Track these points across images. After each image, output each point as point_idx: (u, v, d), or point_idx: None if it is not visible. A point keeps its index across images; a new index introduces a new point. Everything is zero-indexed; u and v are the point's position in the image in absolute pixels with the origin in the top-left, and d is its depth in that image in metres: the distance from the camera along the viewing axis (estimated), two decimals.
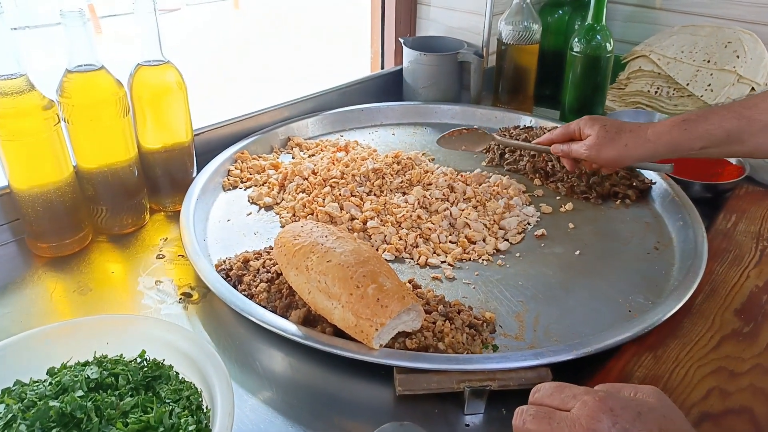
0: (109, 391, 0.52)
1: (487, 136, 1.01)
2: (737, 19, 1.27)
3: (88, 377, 0.53)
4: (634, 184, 0.96)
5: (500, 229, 0.88)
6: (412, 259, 0.83)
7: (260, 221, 0.90)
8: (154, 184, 0.90)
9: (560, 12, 1.34)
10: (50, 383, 0.53)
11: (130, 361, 0.56)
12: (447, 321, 0.66)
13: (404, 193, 0.95)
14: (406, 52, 1.27)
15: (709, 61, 1.17)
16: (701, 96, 1.16)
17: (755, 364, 0.64)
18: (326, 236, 0.68)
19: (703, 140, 0.79)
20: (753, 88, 1.16)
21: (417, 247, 0.84)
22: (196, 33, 5.49)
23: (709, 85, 1.16)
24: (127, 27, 5.15)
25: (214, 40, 5.39)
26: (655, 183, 0.96)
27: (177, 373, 0.56)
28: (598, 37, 1.10)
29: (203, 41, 5.19)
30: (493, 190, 0.97)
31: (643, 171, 0.99)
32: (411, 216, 0.88)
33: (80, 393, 0.51)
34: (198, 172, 0.95)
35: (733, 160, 1.01)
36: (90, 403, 0.50)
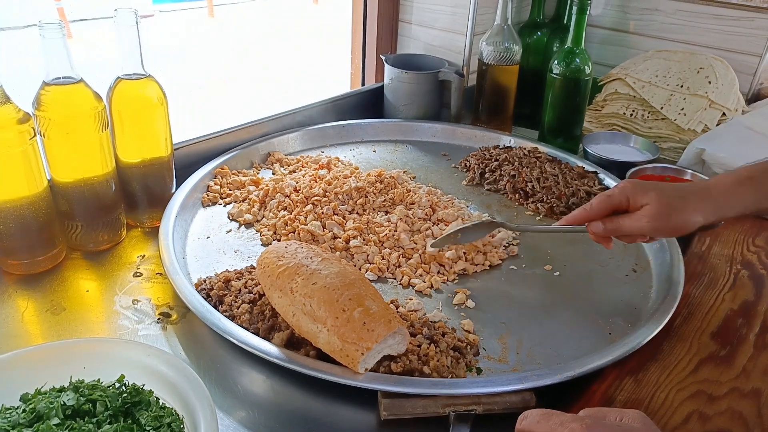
0: (86, 419, 0.51)
1: (494, 224, 0.84)
2: (708, 45, 1.31)
3: (64, 404, 0.51)
4: None
5: (479, 252, 0.88)
6: (395, 279, 0.82)
7: (240, 239, 0.89)
8: (132, 199, 0.88)
9: (539, 33, 1.37)
10: (24, 410, 0.51)
11: (108, 387, 0.54)
12: (432, 344, 0.66)
13: (387, 212, 0.95)
14: (388, 69, 1.28)
15: (682, 86, 1.20)
16: (675, 120, 1.19)
17: (732, 388, 0.65)
18: (311, 258, 0.67)
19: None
20: (724, 113, 1.20)
21: (399, 267, 0.84)
22: (170, 40, 5.43)
23: (683, 109, 1.19)
24: (97, 31, 5.08)
25: (188, 48, 5.33)
26: None
27: (157, 399, 0.54)
28: (577, 60, 1.12)
29: (177, 49, 5.13)
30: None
31: None
32: (393, 235, 0.88)
33: (56, 420, 0.49)
34: (177, 188, 0.93)
35: None
36: (66, 431, 0.48)
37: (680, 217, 0.70)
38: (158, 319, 0.72)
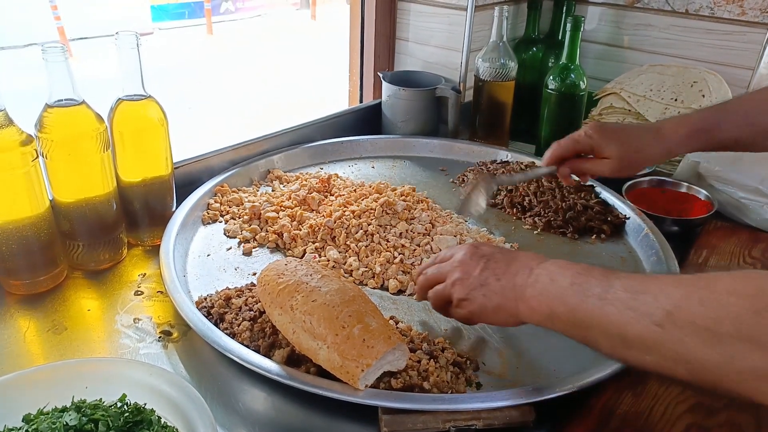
0: None
1: (491, 181, 0.92)
2: (701, 59, 1.32)
3: (67, 424, 0.51)
4: (609, 219, 0.99)
5: None
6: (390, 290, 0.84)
7: (240, 256, 0.89)
8: (133, 218, 0.89)
9: (534, 49, 1.39)
10: (27, 431, 0.51)
11: (110, 406, 0.55)
12: (431, 359, 0.66)
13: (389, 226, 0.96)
14: (385, 86, 1.29)
15: (676, 100, 1.22)
16: None
17: (731, 401, 0.65)
18: (311, 275, 0.68)
19: (714, 147, 0.82)
20: None
21: (397, 276, 0.85)
22: (169, 58, 5.47)
23: None
24: (97, 49, 5.12)
25: (187, 65, 5.37)
26: (629, 218, 0.99)
27: (159, 418, 0.55)
28: (572, 75, 1.13)
29: (176, 66, 5.17)
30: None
31: (616, 205, 1.02)
32: (394, 246, 0.89)
33: None
34: (177, 206, 0.94)
35: (701, 196, 1.05)
36: None
37: (636, 168, 0.84)
38: (159, 337, 0.73)
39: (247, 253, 0.90)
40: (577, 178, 0.92)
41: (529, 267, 0.60)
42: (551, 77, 1.16)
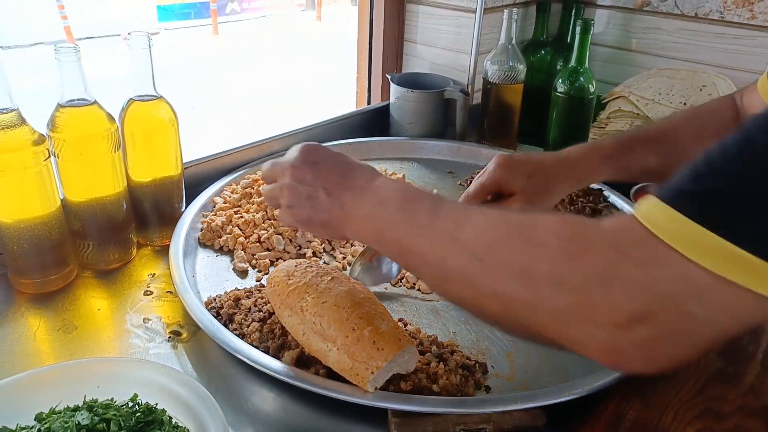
0: None
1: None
2: (710, 63, 1.32)
3: (79, 423, 0.52)
4: None
5: None
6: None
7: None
8: (143, 218, 0.89)
9: (543, 51, 1.38)
10: (39, 430, 0.51)
11: (122, 406, 0.55)
12: (441, 362, 0.66)
13: None
14: (393, 88, 1.29)
15: (685, 104, 1.22)
16: None
17: (740, 405, 0.65)
18: (321, 276, 0.68)
19: (623, 175, 0.79)
20: None
21: (404, 276, 0.86)
22: (175, 57, 5.49)
23: None
24: (103, 48, 5.14)
25: (193, 65, 5.39)
26: None
27: (170, 418, 0.55)
28: (581, 78, 1.13)
29: (182, 66, 5.19)
30: None
31: (625, 210, 1.02)
32: None
33: None
34: (187, 206, 0.94)
35: None
36: None
37: (546, 201, 0.79)
38: (169, 337, 0.73)
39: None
40: None
41: (360, 185, 0.58)
42: (560, 80, 1.16)
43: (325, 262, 0.89)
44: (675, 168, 0.76)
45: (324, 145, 0.65)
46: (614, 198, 1.05)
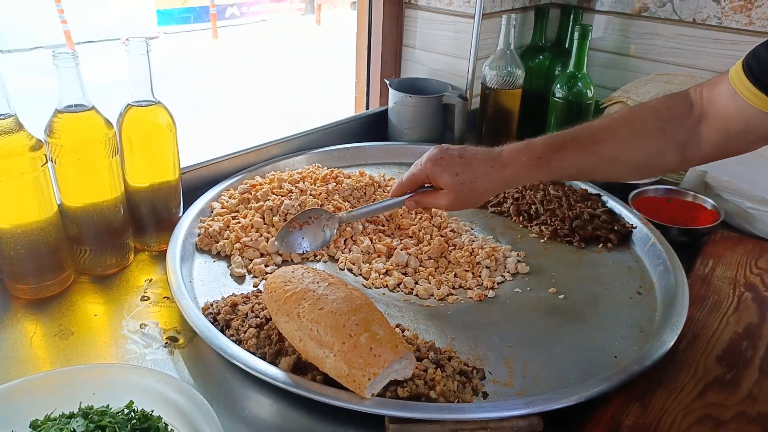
0: None
1: (333, 218, 0.87)
2: (708, 68, 1.32)
3: (74, 430, 0.52)
4: (616, 228, 0.98)
5: (486, 268, 0.89)
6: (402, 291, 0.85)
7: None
8: (140, 223, 0.89)
9: (541, 57, 1.39)
10: None
11: (118, 413, 0.55)
12: (438, 368, 0.66)
13: (392, 233, 0.96)
14: (392, 93, 1.29)
15: None
16: None
17: (739, 412, 0.65)
18: (318, 282, 0.67)
19: (557, 175, 0.79)
20: None
21: (402, 282, 0.86)
22: (174, 62, 5.49)
23: None
24: (102, 53, 5.14)
25: (192, 69, 5.39)
26: (636, 227, 0.99)
27: (166, 425, 0.55)
28: (579, 84, 1.14)
29: (181, 71, 5.19)
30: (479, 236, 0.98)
31: (623, 214, 1.02)
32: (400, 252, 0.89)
33: None
34: (184, 211, 0.94)
35: (708, 205, 1.05)
36: None
37: (473, 200, 0.79)
38: (166, 343, 0.73)
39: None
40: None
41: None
42: (558, 85, 1.16)
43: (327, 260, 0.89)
44: (611, 168, 0.78)
45: None
46: (612, 203, 1.05)
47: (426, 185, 0.82)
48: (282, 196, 0.97)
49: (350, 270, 0.89)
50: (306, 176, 1.06)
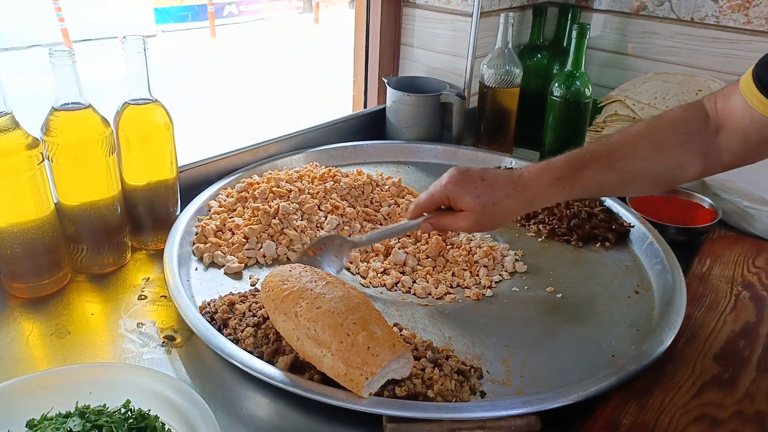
0: None
1: (347, 243, 0.84)
2: (706, 67, 1.32)
3: (71, 430, 0.51)
4: (613, 227, 0.98)
5: (484, 267, 0.89)
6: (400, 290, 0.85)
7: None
8: (137, 222, 0.89)
9: (539, 55, 1.39)
10: None
11: (115, 412, 0.55)
12: (436, 368, 0.66)
13: None
14: (390, 92, 1.29)
15: None
16: None
17: (736, 411, 0.65)
18: (315, 281, 0.67)
19: (579, 194, 0.79)
20: None
21: (399, 281, 0.86)
22: (172, 60, 5.48)
23: None
24: (100, 51, 5.13)
25: (190, 68, 5.38)
26: (633, 226, 0.99)
27: (163, 424, 0.55)
28: (577, 83, 1.13)
29: (179, 69, 5.18)
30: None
31: (621, 213, 1.02)
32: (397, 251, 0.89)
33: None
34: (181, 210, 0.94)
35: (705, 204, 1.05)
36: None
37: (494, 222, 0.79)
38: (163, 342, 0.72)
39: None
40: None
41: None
42: (556, 84, 1.16)
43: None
44: (633, 183, 0.77)
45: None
46: (610, 202, 1.05)
47: (443, 206, 0.80)
48: (280, 197, 0.97)
49: (348, 269, 0.89)
50: (303, 175, 1.05)
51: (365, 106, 1.45)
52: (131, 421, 0.54)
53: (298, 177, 1.05)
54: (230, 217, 0.94)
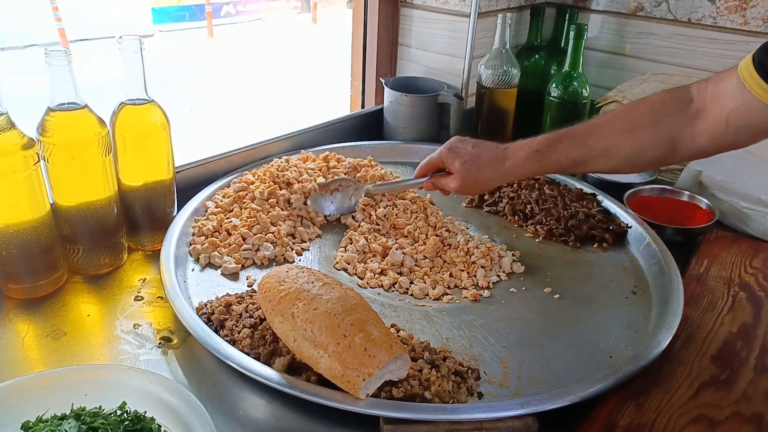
0: None
1: (360, 189, 1.01)
2: (704, 68, 1.33)
3: None
4: (611, 227, 0.98)
5: (481, 267, 0.89)
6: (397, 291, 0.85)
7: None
8: (134, 222, 0.89)
9: (537, 56, 1.39)
10: None
11: (110, 414, 0.54)
12: (433, 369, 0.66)
13: (387, 233, 0.95)
14: (387, 92, 1.29)
15: None
16: None
17: (733, 412, 0.65)
18: (312, 282, 0.67)
19: (553, 168, 0.84)
20: None
21: (397, 281, 0.86)
22: (169, 60, 5.47)
23: None
24: (97, 50, 5.12)
25: (187, 68, 5.37)
26: (631, 227, 0.99)
27: (159, 426, 0.54)
28: (575, 83, 1.13)
29: (176, 69, 5.17)
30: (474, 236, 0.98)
31: (618, 214, 1.02)
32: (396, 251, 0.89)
33: None
34: (178, 211, 0.93)
35: (702, 205, 1.05)
36: None
37: (478, 186, 0.89)
38: (159, 343, 0.72)
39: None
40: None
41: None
42: (554, 85, 1.16)
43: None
44: (603, 159, 0.81)
45: None
46: (608, 203, 1.05)
47: (441, 170, 0.90)
48: (288, 184, 1.01)
49: (345, 270, 0.89)
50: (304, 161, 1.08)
51: (363, 107, 1.45)
52: (127, 423, 0.53)
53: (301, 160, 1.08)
54: (227, 218, 0.94)
